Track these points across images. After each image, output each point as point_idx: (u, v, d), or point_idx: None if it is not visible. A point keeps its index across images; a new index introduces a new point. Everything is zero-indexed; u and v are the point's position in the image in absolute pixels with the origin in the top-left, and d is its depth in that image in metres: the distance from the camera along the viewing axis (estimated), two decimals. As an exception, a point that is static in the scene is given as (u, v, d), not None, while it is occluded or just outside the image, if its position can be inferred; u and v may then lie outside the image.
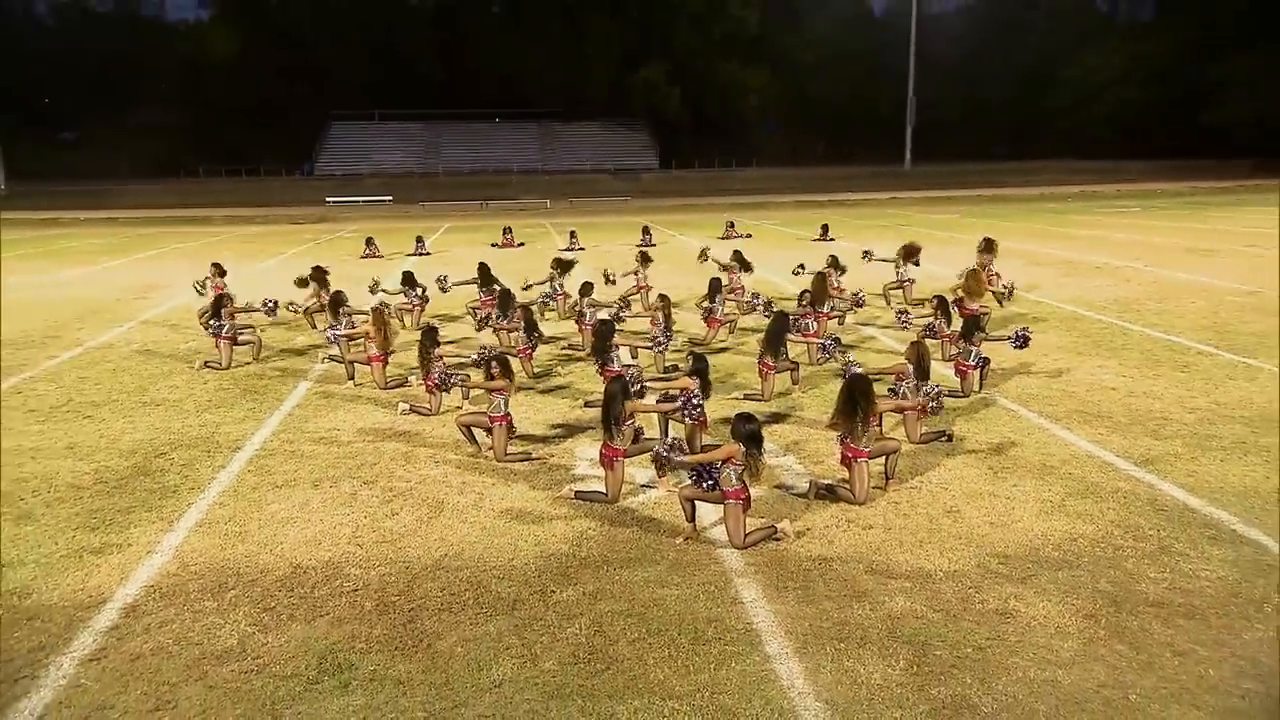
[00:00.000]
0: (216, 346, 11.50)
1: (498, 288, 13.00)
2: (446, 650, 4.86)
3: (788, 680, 4.49)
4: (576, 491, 6.97)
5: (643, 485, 7.14)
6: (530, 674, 4.60)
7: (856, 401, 6.55)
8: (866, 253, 16.47)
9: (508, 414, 7.86)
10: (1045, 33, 72.69)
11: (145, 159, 66.99)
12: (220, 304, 11.57)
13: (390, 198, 55.33)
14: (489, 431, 7.87)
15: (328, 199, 54.63)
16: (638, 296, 14.08)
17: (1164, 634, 4.86)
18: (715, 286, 12.04)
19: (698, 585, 5.47)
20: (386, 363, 10.21)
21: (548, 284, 13.95)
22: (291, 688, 4.59)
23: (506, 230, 27.22)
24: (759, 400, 9.30)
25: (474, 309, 13.52)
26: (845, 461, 6.67)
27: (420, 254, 24.31)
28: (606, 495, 6.81)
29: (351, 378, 10.45)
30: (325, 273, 14.27)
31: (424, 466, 7.73)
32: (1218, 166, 58.66)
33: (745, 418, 6.01)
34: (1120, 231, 27.93)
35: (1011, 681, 4.45)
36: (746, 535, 5.94)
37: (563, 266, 14.42)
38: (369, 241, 24.96)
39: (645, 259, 14.73)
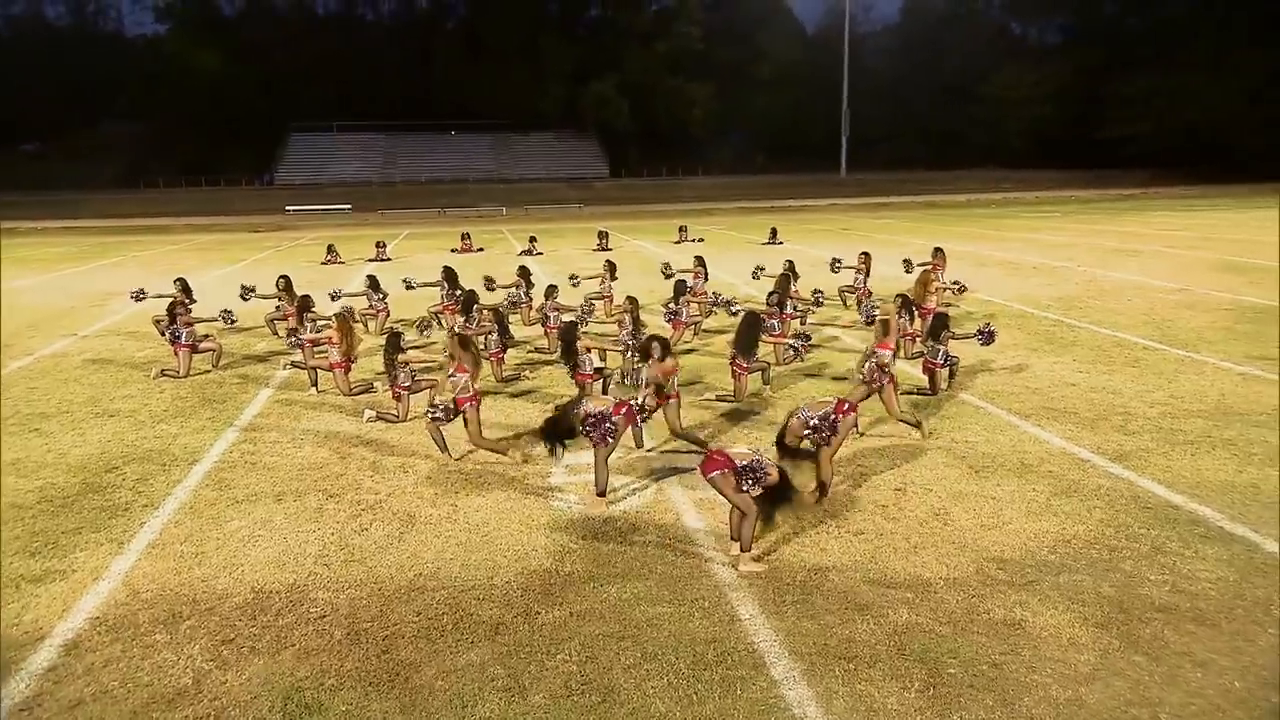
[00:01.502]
0: (175, 354, 10.55)
1: (460, 291, 12.23)
2: (426, 684, 4.19)
3: (799, 709, 3.92)
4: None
5: (626, 489, 6.52)
6: (519, 710, 3.96)
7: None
8: (836, 260, 15.51)
9: (476, 393, 7.16)
10: (965, 53, 73.80)
11: (107, 170, 64.44)
12: (174, 310, 10.60)
13: (349, 206, 53.71)
14: (461, 416, 7.10)
15: (287, 207, 52.80)
16: (602, 304, 13.41)
17: (1179, 642, 4.41)
18: (680, 289, 11.45)
19: (691, 602, 4.87)
20: (349, 369, 9.40)
21: (514, 289, 13.21)
22: (252, 735, 3.88)
23: (465, 236, 26.31)
24: (731, 401, 8.75)
25: (436, 312, 12.71)
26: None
27: (381, 259, 23.33)
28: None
29: (315, 384, 9.62)
30: (289, 281, 13.31)
31: (393, 477, 7.00)
32: (1120, 176, 60.14)
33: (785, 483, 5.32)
34: (1047, 234, 28.13)
35: (1034, 702, 3.95)
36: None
37: (525, 274, 13.67)
38: (330, 248, 23.85)
39: (612, 268, 14.02)
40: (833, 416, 5.96)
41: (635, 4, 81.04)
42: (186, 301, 11.48)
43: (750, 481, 5.12)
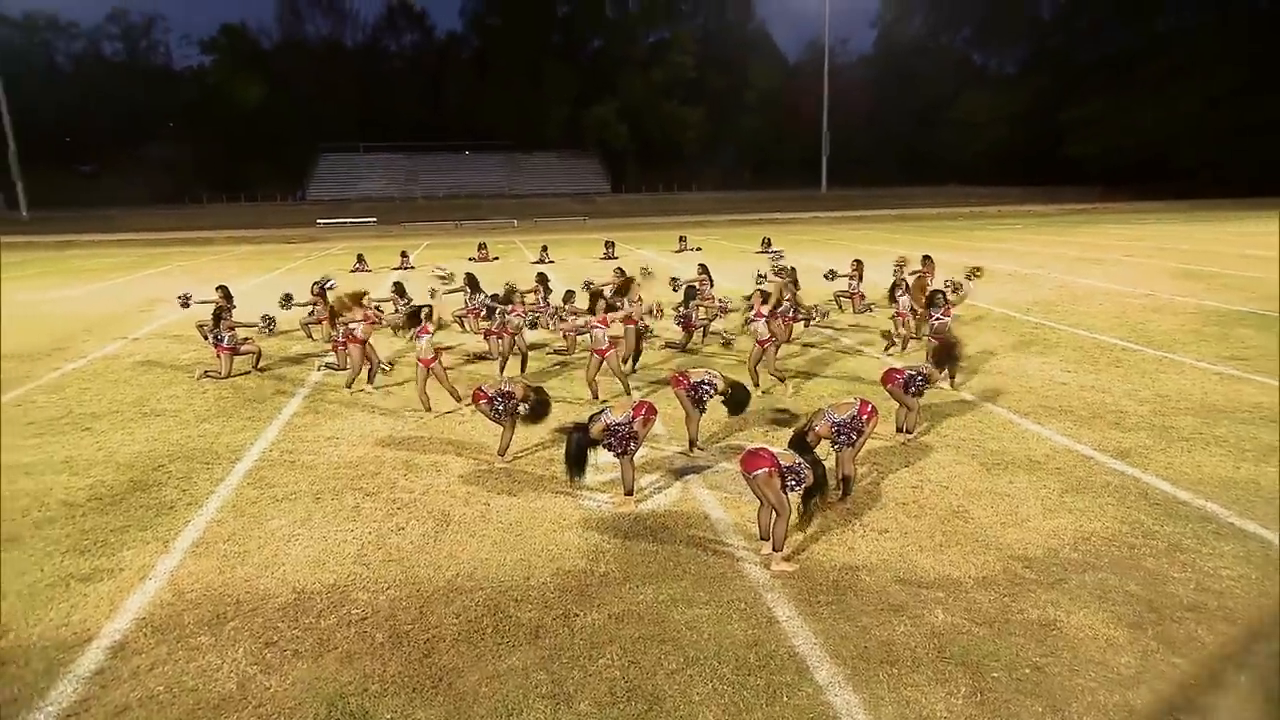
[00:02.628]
0: (217, 356, 10.10)
1: (483, 295, 11.77)
2: (470, 690, 3.77)
3: (848, 716, 3.52)
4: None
5: (653, 488, 6.10)
6: (565, 718, 3.54)
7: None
8: (830, 271, 15.04)
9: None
10: (933, 81, 73.52)
11: (154, 188, 64.29)
12: (220, 315, 10.16)
13: (374, 219, 53.12)
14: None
15: (318, 221, 52.20)
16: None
17: (1215, 643, 4.02)
18: (690, 294, 11.04)
19: (727, 603, 4.46)
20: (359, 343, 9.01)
21: (532, 295, 12.75)
22: (297, 745, 3.47)
23: (482, 246, 25.84)
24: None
25: (460, 317, 12.27)
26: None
27: (405, 268, 22.83)
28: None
29: (349, 386, 9.18)
30: (322, 287, 12.84)
31: (426, 476, 6.57)
32: (1073, 192, 59.80)
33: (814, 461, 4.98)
34: (1015, 244, 27.75)
35: (1083, 708, 3.55)
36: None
37: (544, 280, 13.12)
38: (359, 258, 23.38)
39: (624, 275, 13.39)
40: (858, 418, 5.55)
41: (632, 35, 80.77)
42: (229, 307, 11.03)
43: (794, 481, 4.72)
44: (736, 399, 6.66)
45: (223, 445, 7.48)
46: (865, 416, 5.57)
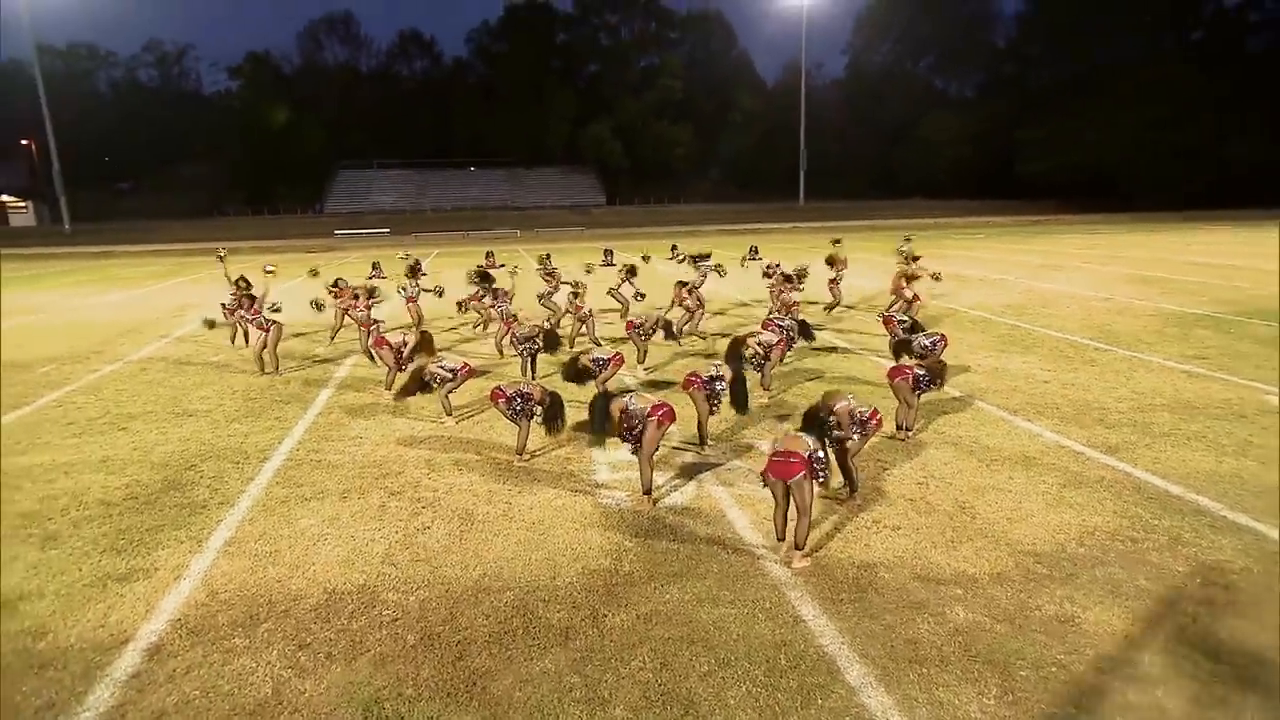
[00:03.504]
0: (236, 327, 10.04)
1: (492, 284, 11.68)
2: (504, 695, 3.46)
3: (883, 718, 3.22)
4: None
5: (669, 485, 5.79)
6: (602, 724, 3.24)
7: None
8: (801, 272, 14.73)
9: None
10: (899, 103, 73.49)
11: (186, 203, 63.82)
12: (245, 295, 10.25)
13: (388, 230, 52.52)
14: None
15: (336, 232, 51.55)
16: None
17: (1231, 639, 3.76)
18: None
19: (752, 602, 4.16)
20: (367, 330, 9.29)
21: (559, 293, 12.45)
22: (334, 753, 3.14)
23: (489, 254, 25.33)
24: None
25: (470, 301, 12.39)
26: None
27: (378, 278, 22.30)
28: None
29: (389, 388, 8.55)
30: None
31: (448, 474, 6.23)
32: (1028, 205, 59.92)
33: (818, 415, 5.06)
34: (980, 252, 27.58)
35: (1116, 709, 3.27)
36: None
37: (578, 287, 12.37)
38: (375, 265, 22.84)
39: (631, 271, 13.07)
40: (871, 419, 5.26)
41: (626, 61, 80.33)
42: (252, 294, 10.84)
43: (822, 475, 4.44)
44: (738, 395, 6.31)
45: (252, 445, 7.12)
46: (875, 421, 5.28)
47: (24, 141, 59.98)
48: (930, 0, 74.79)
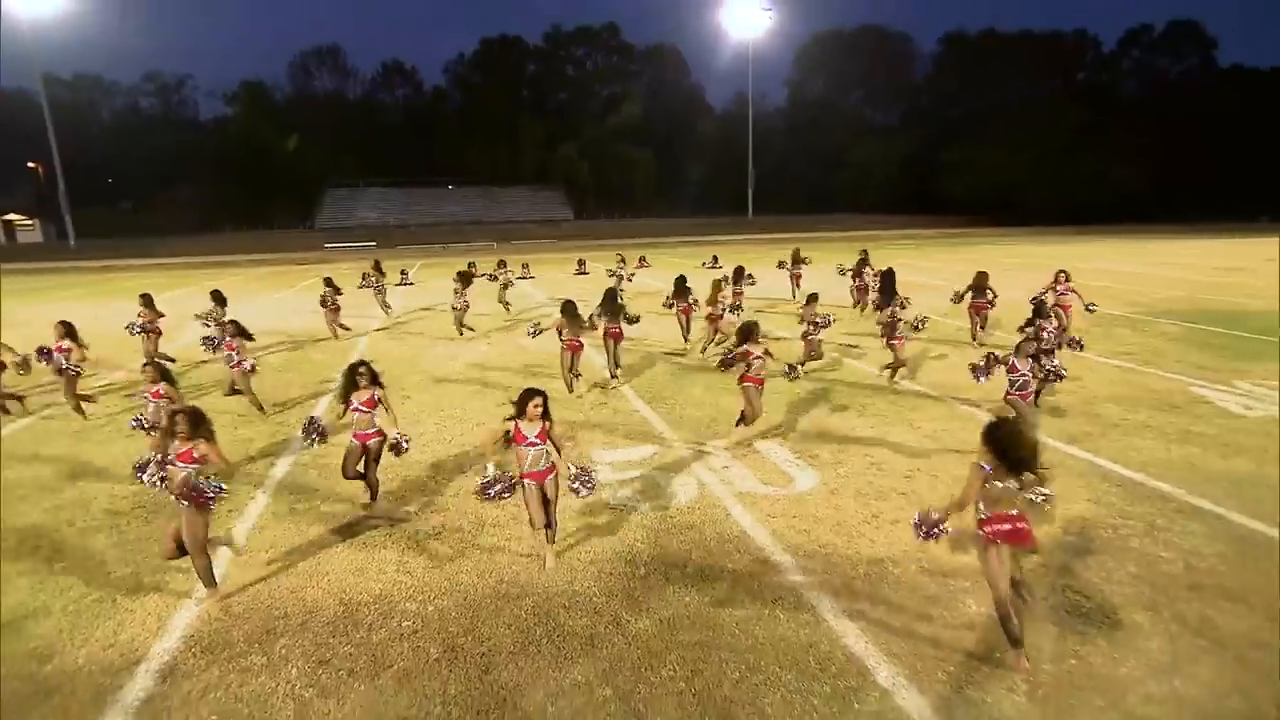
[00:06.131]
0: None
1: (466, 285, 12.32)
2: (537, 710, 3.03)
3: (922, 722, 2.89)
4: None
5: (672, 485, 5.39)
6: (640, 740, 2.83)
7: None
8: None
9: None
10: (833, 129, 74.69)
11: (185, 221, 61.84)
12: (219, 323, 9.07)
13: (374, 243, 50.86)
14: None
15: (326, 245, 49.71)
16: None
17: (1226, 623, 3.55)
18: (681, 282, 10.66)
19: (770, 602, 3.80)
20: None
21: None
22: (363, 786, 2.67)
23: (471, 264, 24.56)
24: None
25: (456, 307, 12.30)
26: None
27: (405, 284, 21.49)
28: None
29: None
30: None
31: (455, 479, 5.71)
32: (946, 220, 61.30)
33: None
34: (915, 260, 27.87)
35: (1139, 700, 3.01)
36: None
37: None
38: (365, 275, 21.90)
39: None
40: None
41: (590, 90, 80.00)
42: (220, 319, 9.84)
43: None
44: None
45: (258, 451, 6.48)
46: None
47: (31, 164, 58.56)
48: (858, 42, 76.65)
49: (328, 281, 12.88)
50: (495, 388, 8.38)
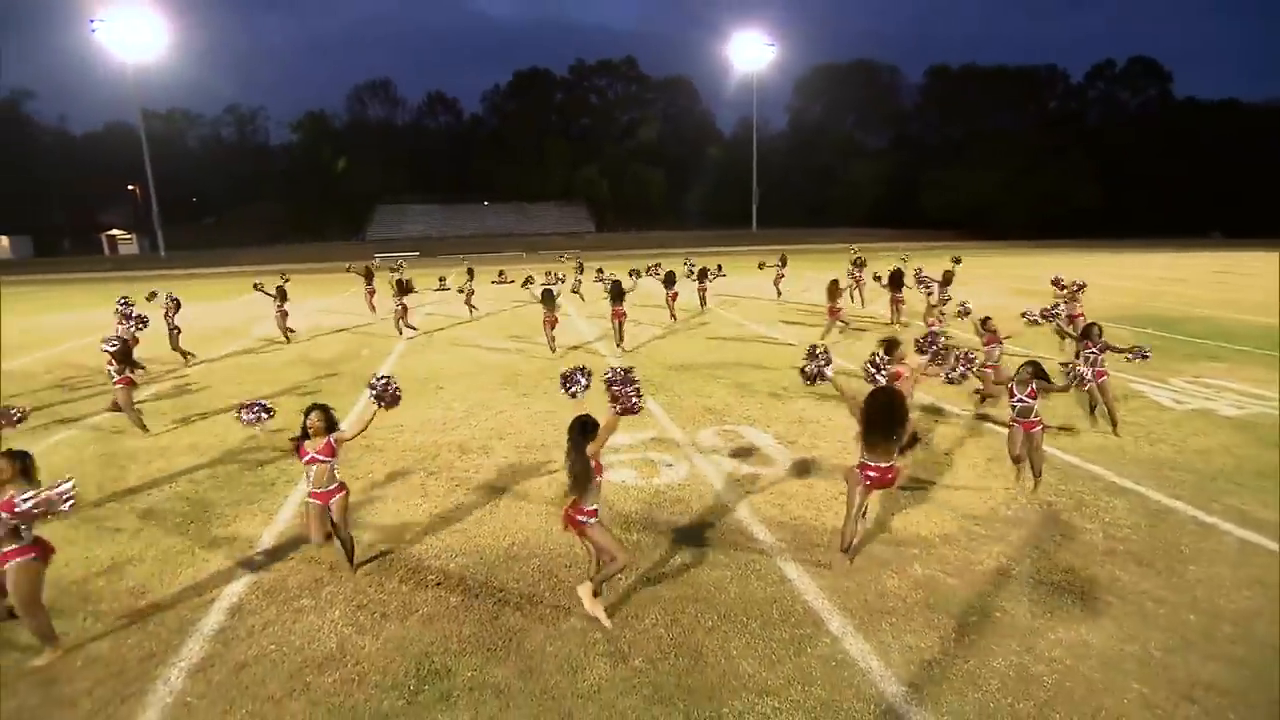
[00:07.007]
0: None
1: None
2: (537, 649, 3.25)
3: (864, 663, 3.07)
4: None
5: (665, 465, 5.58)
6: (623, 674, 3.05)
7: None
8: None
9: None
10: (829, 151, 74.32)
11: (257, 233, 64.21)
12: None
13: (418, 253, 51.75)
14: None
15: (374, 256, 50.63)
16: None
17: (1131, 582, 3.68)
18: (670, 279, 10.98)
19: (744, 565, 3.99)
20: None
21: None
22: (394, 702, 2.92)
23: (501, 272, 24.89)
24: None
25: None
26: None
27: (442, 289, 21.90)
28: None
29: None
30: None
31: (477, 458, 5.94)
32: (929, 234, 60.75)
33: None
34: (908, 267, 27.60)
35: (1049, 645, 3.16)
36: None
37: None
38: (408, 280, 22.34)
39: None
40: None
41: (611, 117, 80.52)
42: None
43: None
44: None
45: (312, 433, 6.77)
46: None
47: (130, 187, 62.09)
48: (852, 73, 76.26)
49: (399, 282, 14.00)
50: (522, 376, 8.62)
